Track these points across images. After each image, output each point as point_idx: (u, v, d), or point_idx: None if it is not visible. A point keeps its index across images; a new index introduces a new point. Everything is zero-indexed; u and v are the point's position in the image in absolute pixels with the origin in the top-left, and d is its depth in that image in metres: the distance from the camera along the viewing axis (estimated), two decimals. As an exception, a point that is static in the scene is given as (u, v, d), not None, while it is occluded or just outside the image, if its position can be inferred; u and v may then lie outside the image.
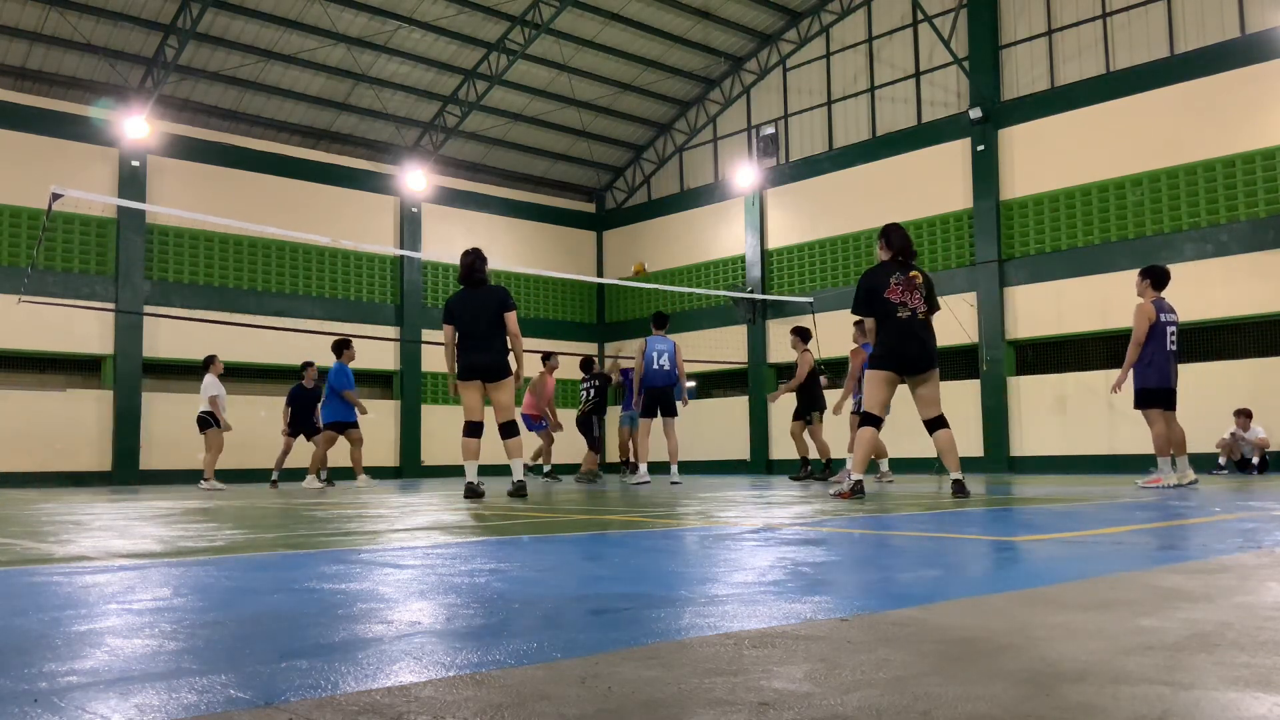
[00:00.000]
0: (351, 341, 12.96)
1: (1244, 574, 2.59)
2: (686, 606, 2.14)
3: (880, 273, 6.98)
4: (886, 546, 3.67)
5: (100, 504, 8.32)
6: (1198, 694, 1.31)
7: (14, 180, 16.86)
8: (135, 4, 17.20)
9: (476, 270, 8.05)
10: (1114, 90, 16.79)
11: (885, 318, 6.90)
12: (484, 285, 8.04)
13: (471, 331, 7.86)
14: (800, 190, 21.16)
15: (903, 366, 6.99)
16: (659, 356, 11.66)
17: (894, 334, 6.89)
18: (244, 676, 1.49)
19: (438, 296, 21.99)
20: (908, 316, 6.88)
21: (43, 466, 16.66)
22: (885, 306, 6.88)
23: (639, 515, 5.63)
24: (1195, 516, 5.01)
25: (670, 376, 11.72)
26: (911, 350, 6.95)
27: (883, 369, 6.99)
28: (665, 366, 11.67)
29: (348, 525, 5.07)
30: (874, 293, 6.93)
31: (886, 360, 6.97)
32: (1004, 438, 17.56)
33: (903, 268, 6.97)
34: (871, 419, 7.04)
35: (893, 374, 7.01)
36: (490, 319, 7.87)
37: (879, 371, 7.02)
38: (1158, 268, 8.92)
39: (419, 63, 20.04)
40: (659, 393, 11.72)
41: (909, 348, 6.93)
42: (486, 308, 7.89)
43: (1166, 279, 8.84)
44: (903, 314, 6.87)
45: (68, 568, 3.21)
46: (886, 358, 6.97)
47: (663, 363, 11.66)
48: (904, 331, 6.89)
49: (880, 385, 7.05)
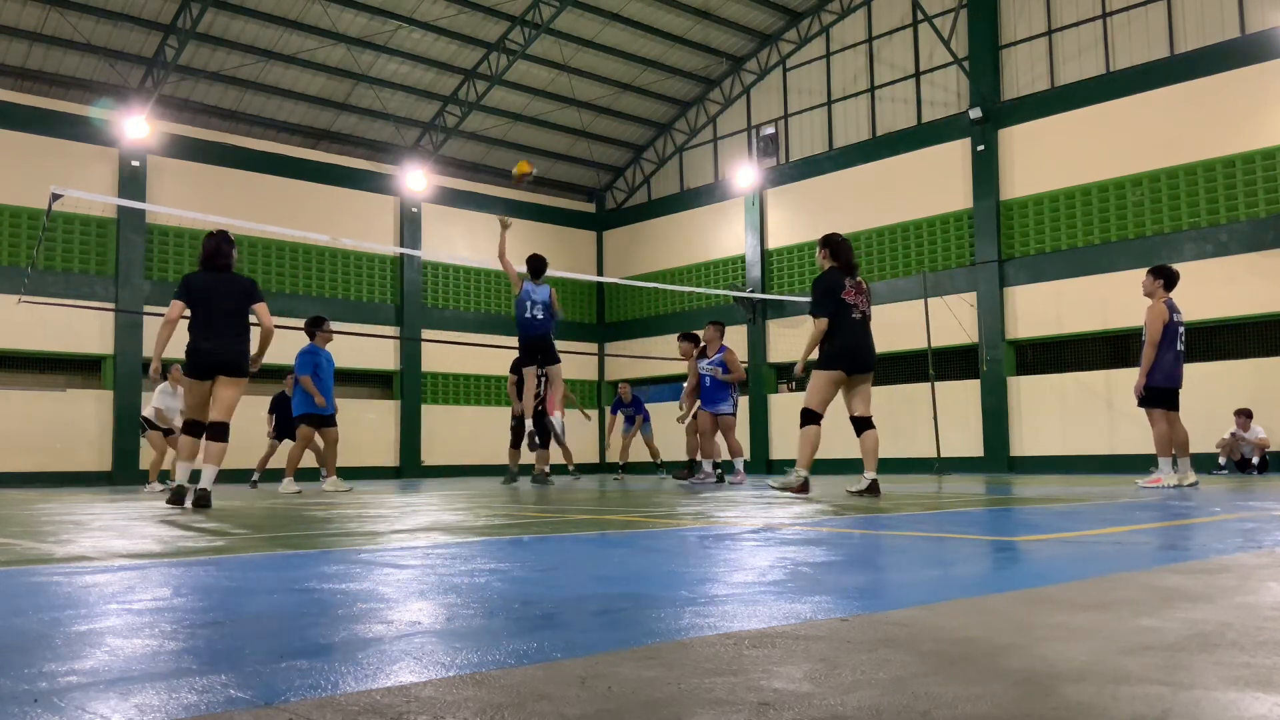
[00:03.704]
0: (325, 321, 11.35)
1: (1244, 574, 2.59)
2: (686, 606, 2.14)
3: (835, 275, 7.37)
4: (886, 546, 3.67)
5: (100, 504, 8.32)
6: (1198, 694, 1.31)
7: (14, 180, 16.86)
8: (135, 4, 17.20)
9: (223, 255, 7.15)
10: (1114, 90, 16.80)
11: (843, 318, 7.23)
12: (228, 272, 7.19)
13: (211, 321, 6.97)
14: (800, 190, 21.16)
15: (854, 366, 7.29)
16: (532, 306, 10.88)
17: (850, 334, 7.25)
18: (244, 676, 1.49)
19: (438, 296, 22.01)
20: (859, 318, 7.31)
21: (43, 466, 16.66)
22: (842, 307, 7.25)
23: (639, 515, 5.63)
24: (1195, 516, 5.01)
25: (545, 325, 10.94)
26: (864, 351, 7.33)
27: (835, 369, 7.26)
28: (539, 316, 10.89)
29: (348, 525, 5.07)
30: (834, 293, 7.28)
31: (840, 360, 7.25)
32: (1004, 438, 17.56)
33: (851, 275, 7.38)
34: (816, 417, 7.31)
35: (842, 374, 7.27)
36: (235, 310, 7.06)
37: (831, 371, 7.27)
38: (1169, 268, 8.90)
39: (419, 63, 20.04)
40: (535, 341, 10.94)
41: (862, 349, 7.31)
42: (231, 297, 7.07)
43: (1177, 279, 8.84)
44: (856, 315, 7.29)
45: (68, 568, 3.21)
46: (841, 358, 7.25)
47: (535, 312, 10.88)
48: (859, 332, 7.30)
49: (829, 385, 7.32)
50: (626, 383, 17.03)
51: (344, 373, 15.82)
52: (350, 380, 19.40)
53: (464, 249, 22.10)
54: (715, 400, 11.49)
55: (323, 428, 11.11)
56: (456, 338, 20.55)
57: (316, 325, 11.20)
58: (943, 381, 17.79)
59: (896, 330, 18.95)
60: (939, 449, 16.93)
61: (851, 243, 7.73)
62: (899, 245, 19.44)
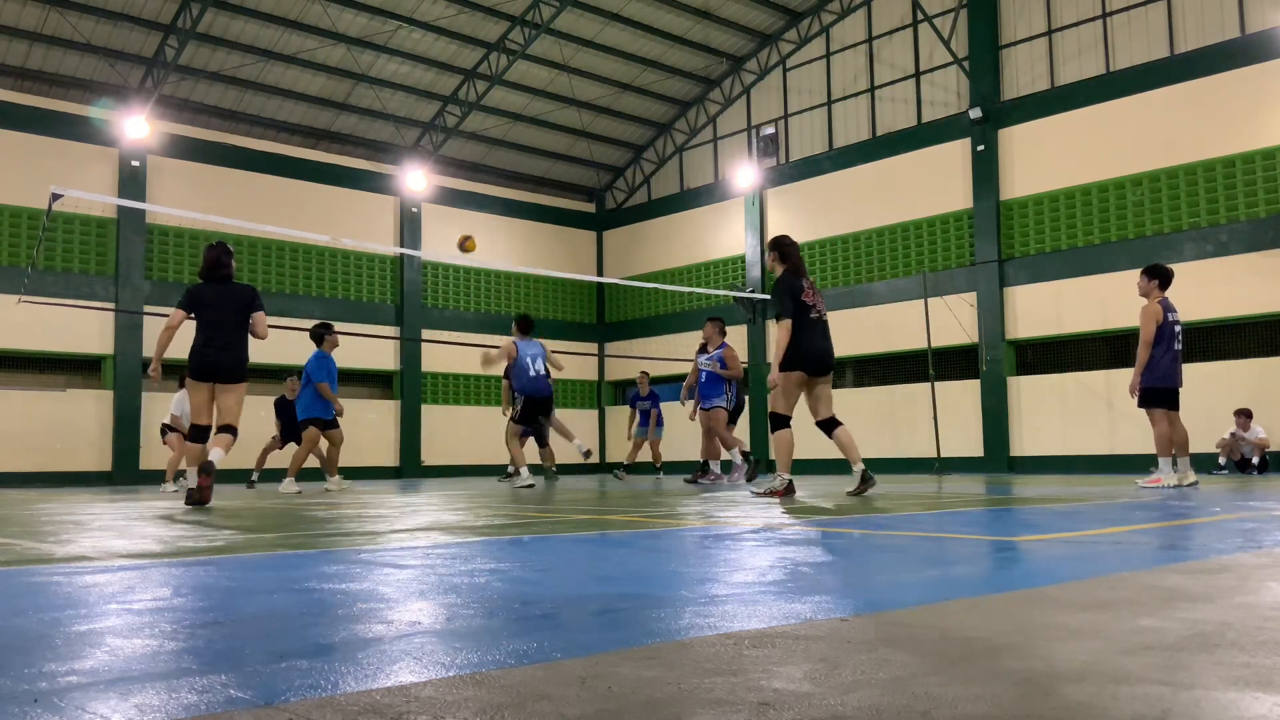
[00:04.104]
0: (333, 327, 11.57)
1: (1244, 574, 2.59)
2: (686, 606, 2.14)
3: (795, 276, 7.37)
4: (886, 546, 3.67)
5: (100, 504, 8.32)
6: (1198, 694, 1.31)
7: (14, 180, 16.86)
8: (135, 4, 17.20)
9: (222, 265, 7.47)
10: (1114, 90, 16.80)
11: (804, 320, 7.24)
12: (229, 281, 7.52)
13: (211, 331, 7.34)
14: (800, 190, 21.16)
15: (817, 368, 7.30)
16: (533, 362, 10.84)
17: (812, 335, 7.27)
18: (244, 676, 1.49)
19: (438, 296, 22.01)
20: (816, 318, 7.34)
21: (43, 466, 16.67)
22: (804, 308, 7.27)
23: (639, 515, 5.63)
24: (1195, 516, 5.01)
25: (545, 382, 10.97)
26: (825, 352, 7.35)
27: (799, 370, 7.25)
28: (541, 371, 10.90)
29: (348, 525, 5.07)
30: (796, 295, 7.29)
31: (803, 362, 7.25)
32: (1004, 438, 17.56)
33: (803, 276, 7.41)
34: (785, 420, 7.31)
35: (804, 376, 7.28)
36: (236, 319, 7.39)
37: (795, 373, 7.26)
38: (1163, 268, 8.88)
39: (419, 63, 20.04)
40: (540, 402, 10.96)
41: (824, 350, 7.34)
42: (232, 306, 7.39)
43: (1171, 278, 8.82)
44: (814, 315, 7.32)
45: (68, 568, 3.21)
46: (804, 359, 7.25)
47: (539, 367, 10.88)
48: (820, 333, 7.33)
49: (793, 387, 7.32)
50: (645, 373, 16.75)
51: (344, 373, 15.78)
52: (350, 380, 19.39)
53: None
54: (708, 395, 11.59)
55: (328, 430, 11.34)
56: (456, 338, 20.54)
57: (327, 330, 11.43)
58: (943, 381, 17.80)
59: (896, 330, 18.99)
60: (939, 449, 16.93)
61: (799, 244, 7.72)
62: (899, 245, 19.44)
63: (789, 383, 7.26)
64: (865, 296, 19.74)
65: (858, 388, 20.15)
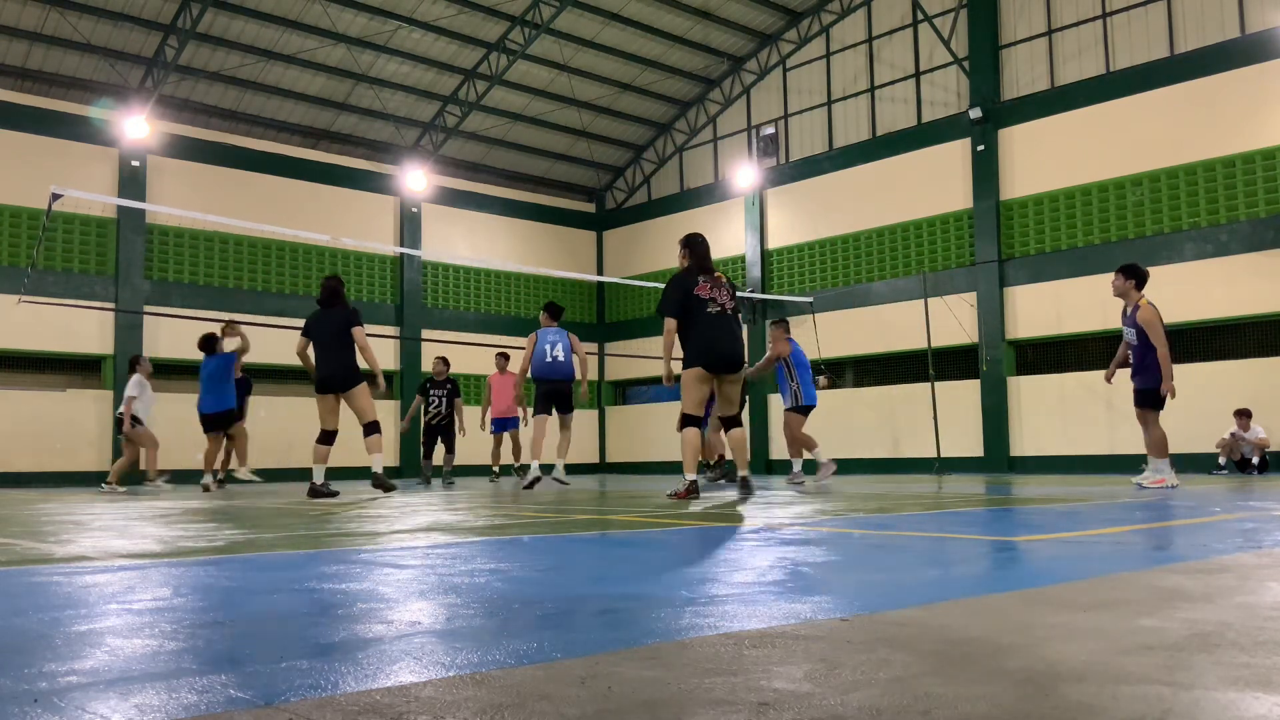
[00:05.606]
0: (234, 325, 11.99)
1: (1244, 574, 2.59)
2: (686, 606, 2.14)
3: (688, 274, 7.34)
4: (886, 546, 3.67)
5: (100, 504, 8.32)
6: (1198, 694, 1.31)
7: (14, 180, 16.85)
8: (135, 4, 17.20)
9: (335, 293, 8.99)
10: (1114, 90, 16.80)
11: (697, 314, 7.18)
12: (336, 305, 8.96)
13: (321, 351, 8.80)
14: (800, 190, 21.16)
15: (715, 364, 7.22)
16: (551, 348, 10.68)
17: (706, 329, 7.19)
18: (244, 676, 1.49)
19: (438, 296, 22.01)
20: (717, 312, 7.23)
21: (43, 466, 16.66)
22: (695, 302, 7.19)
23: (639, 515, 5.63)
24: (1195, 516, 5.01)
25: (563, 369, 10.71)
26: (724, 346, 7.24)
27: (696, 366, 7.22)
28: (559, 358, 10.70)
29: (348, 525, 5.07)
30: (684, 291, 7.24)
31: (700, 357, 7.21)
32: (1004, 438, 17.56)
33: (706, 273, 7.34)
34: (693, 419, 7.26)
35: (704, 371, 7.23)
36: (335, 335, 8.76)
37: (694, 369, 7.23)
38: (1141, 268, 8.94)
39: (419, 63, 20.04)
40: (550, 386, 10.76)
41: (721, 343, 7.22)
42: (332, 329, 8.79)
43: (1147, 279, 8.89)
44: (713, 309, 7.21)
45: (68, 568, 3.21)
46: (700, 354, 7.20)
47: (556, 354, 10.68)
48: (716, 325, 7.21)
49: (696, 384, 7.26)
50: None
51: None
52: (350, 380, 19.37)
53: (464, 249, 22.10)
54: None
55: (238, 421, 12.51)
56: (456, 338, 20.55)
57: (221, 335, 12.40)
58: (943, 381, 17.79)
59: (896, 330, 18.98)
60: (939, 449, 16.93)
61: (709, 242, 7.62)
62: (899, 245, 19.44)
63: (691, 379, 7.21)
64: (865, 296, 19.74)
65: (858, 388, 20.15)
